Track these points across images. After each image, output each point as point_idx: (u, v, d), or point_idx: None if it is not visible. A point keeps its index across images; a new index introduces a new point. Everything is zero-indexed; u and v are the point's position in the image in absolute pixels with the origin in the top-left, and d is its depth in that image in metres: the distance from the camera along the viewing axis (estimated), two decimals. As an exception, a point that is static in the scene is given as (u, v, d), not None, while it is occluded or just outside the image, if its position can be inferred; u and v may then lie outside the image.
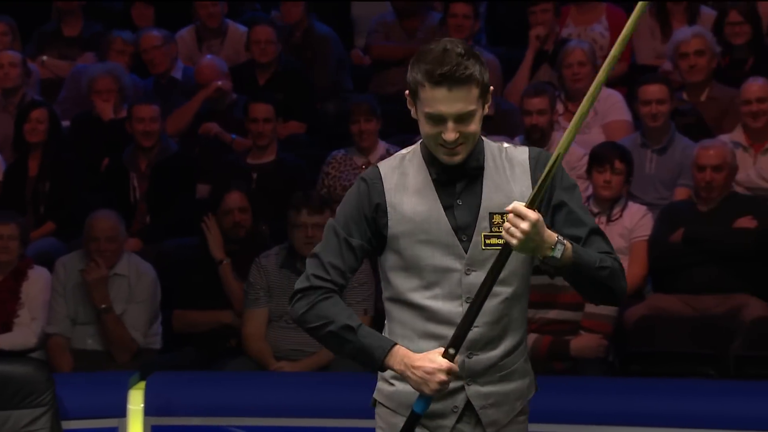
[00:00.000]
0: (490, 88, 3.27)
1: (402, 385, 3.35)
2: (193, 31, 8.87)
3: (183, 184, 7.51)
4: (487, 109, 3.28)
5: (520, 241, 3.12)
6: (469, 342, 3.27)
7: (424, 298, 3.31)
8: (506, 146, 3.38)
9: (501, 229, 3.21)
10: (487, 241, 3.28)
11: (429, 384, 3.20)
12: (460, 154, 3.26)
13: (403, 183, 3.33)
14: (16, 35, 8.74)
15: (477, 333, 3.29)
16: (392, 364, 3.26)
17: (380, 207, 3.32)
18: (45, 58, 8.89)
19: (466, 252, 3.29)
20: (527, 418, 3.43)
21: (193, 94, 8.11)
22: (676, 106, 7.25)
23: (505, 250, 3.18)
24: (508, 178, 3.32)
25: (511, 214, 3.15)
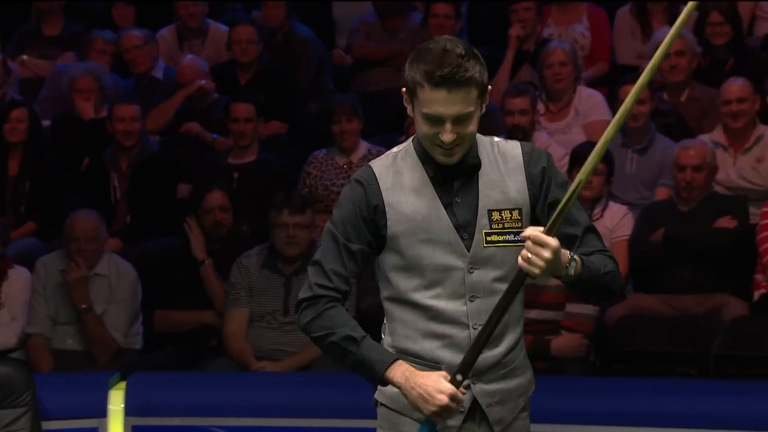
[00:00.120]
0: (489, 87, 3.25)
1: None
2: (174, 31, 8.85)
3: (164, 184, 7.49)
4: (484, 108, 3.26)
5: (542, 269, 3.11)
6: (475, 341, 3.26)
7: (426, 297, 3.28)
8: (497, 140, 3.36)
9: (500, 224, 3.22)
10: (488, 239, 3.26)
11: (428, 403, 3.16)
12: (456, 155, 3.24)
13: (399, 182, 3.30)
14: (-4, 35, 8.73)
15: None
16: (392, 377, 3.21)
17: (378, 208, 3.28)
18: (25, 57, 8.86)
19: (469, 250, 3.26)
20: (529, 414, 3.43)
21: (174, 94, 8.10)
22: (656, 106, 7.27)
23: (521, 277, 3.16)
24: (503, 174, 3.30)
25: (530, 242, 3.11)
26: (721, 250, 6.43)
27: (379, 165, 3.33)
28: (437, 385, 3.17)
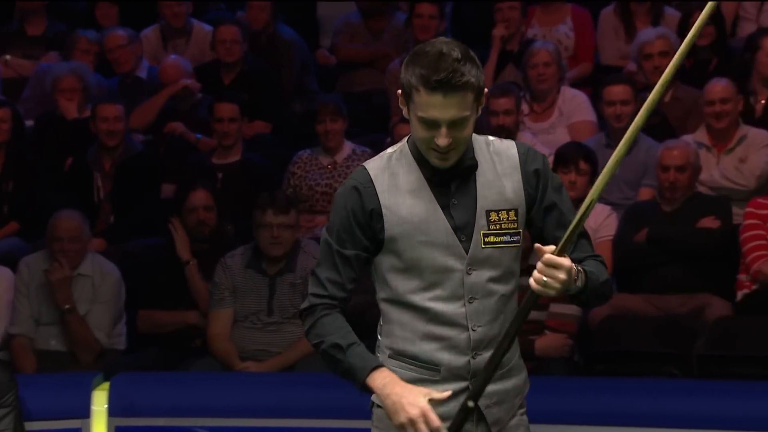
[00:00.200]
0: (485, 90, 3.23)
1: None
2: (158, 31, 8.84)
3: (147, 184, 7.48)
4: (480, 111, 3.25)
5: (557, 290, 3.13)
6: (474, 343, 3.27)
7: (425, 299, 3.27)
8: (492, 139, 3.35)
9: (498, 225, 3.23)
10: (486, 239, 3.26)
11: (397, 413, 3.16)
12: (451, 159, 3.22)
13: (394, 184, 3.28)
14: (-21, 35, 8.70)
15: (480, 333, 3.28)
16: (372, 384, 3.21)
17: (375, 212, 3.26)
18: (8, 57, 8.84)
19: (467, 252, 3.25)
20: (526, 411, 3.43)
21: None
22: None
23: (532, 299, 3.17)
24: (499, 174, 3.29)
25: (542, 265, 3.12)
26: (705, 251, 6.45)
27: (374, 166, 3.31)
28: (411, 398, 3.16)
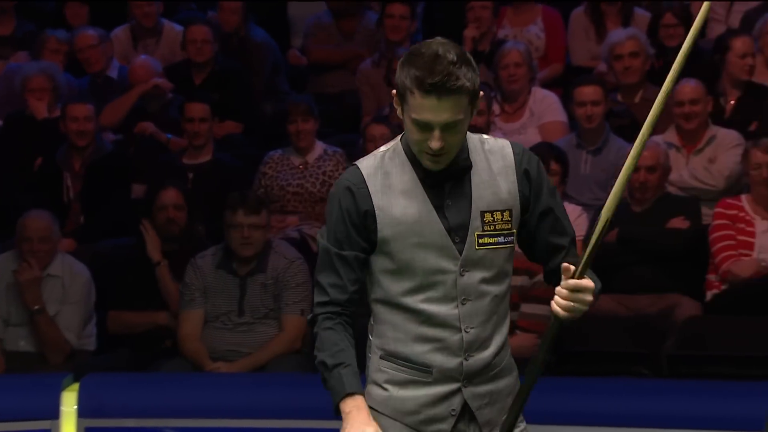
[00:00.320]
0: (480, 93, 3.21)
1: (396, 390, 3.30)
2: (128, 30, 8.81)
3: (118, 184, 7.45)
4: (475, 113, 3.23)
5: (584, 312, 3.17)
6: (467, 344, 3.25)
7: (417, 301, 3.25)
8: (486, 138, 3.33)
9: (492, 225, 3.24)
10: (480, 241, 3.24)
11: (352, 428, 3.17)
12: (443, 162, 3.21)
13: (387, 183, 3.25)
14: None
15: (473, 334, 3.26)
16: (343, 408, 3.20)
17: (368, 213, 3.24)
18: (-23, 57, 8.80)
19: (461, 253, 3.23)
20: (524, 422, 3.43)
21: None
22: (610, 108, 7.31)
23: (557, 326, 3.19)
24: (494, 174, 3.27)
25: (567, 291, 3.15)
26: (674, 251, 6.48)
27: (367, 165, 3.28)
28: (365, 426, 3.16)
